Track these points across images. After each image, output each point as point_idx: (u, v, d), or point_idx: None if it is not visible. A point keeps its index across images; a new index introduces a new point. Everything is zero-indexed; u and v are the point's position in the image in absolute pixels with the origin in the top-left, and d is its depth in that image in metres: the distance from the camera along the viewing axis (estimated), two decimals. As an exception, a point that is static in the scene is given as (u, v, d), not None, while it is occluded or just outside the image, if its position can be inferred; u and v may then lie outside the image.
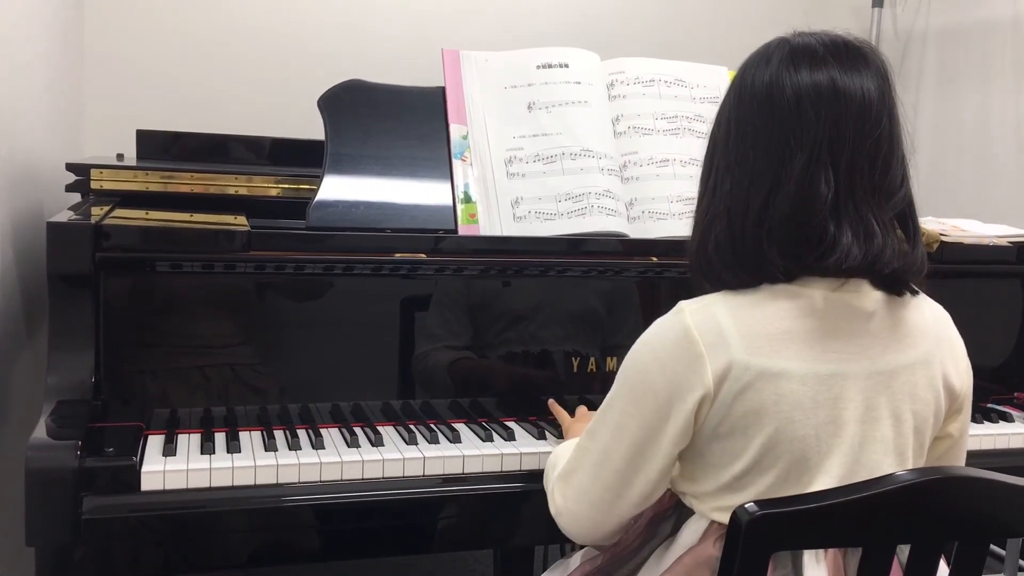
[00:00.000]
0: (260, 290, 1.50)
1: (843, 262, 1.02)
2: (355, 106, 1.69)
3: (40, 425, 1.27)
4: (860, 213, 1.04)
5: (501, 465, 1.43)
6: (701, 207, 1.14)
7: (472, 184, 1.68)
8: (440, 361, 1.57)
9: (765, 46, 1.12)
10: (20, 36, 1.74)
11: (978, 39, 2.76)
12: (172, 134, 2.06)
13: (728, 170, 1.10)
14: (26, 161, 1.79)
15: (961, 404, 1.16)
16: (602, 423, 1.12)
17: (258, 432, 1.44)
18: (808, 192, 1.03)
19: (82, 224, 1.38)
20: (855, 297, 1.07)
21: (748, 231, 1.06)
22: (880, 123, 1.05)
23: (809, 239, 1.04)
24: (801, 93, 1.04)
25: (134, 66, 2.47)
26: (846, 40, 1.09)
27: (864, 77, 1.06)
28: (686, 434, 1.06)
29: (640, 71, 1.84)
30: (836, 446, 1.04)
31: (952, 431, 1.18)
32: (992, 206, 2.57)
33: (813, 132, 1.03)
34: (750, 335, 1.03)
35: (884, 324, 1.08)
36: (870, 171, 1.05)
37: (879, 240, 1.03)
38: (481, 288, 1.60)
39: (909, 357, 1.08)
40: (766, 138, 1.06)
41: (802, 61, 1.06)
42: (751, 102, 1.09)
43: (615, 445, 1.10)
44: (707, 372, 1.03)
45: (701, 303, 1.07)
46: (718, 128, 1.14)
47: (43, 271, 1.37)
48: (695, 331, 1.04)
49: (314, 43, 2.61)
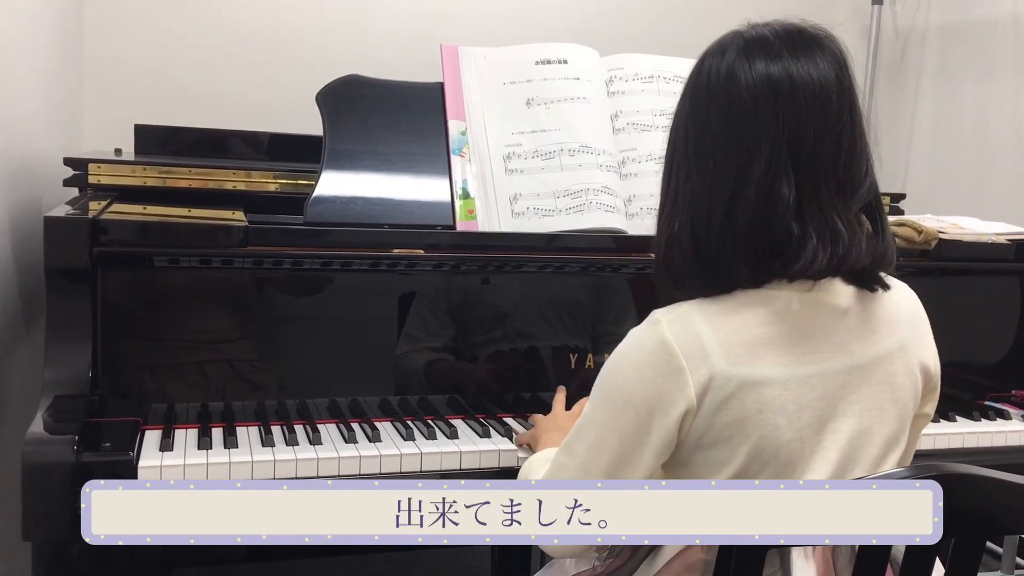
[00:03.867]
0: (258, 285, 1.50)
1: (809, 267, 1.01)
2: (353, 101, 1.69)
3: (37, 419, 1.27)
4: (825, 214, 1.02)
5: (498, 461, 1.43)
6: (663, 215, 1.11)
7: (470, 180, 1.68)
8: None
9: (719, 40, 1.10)
10: (20, 31, 1.74)
11: (978, 36, 2.76)
12: (170, 129, 2.05)
13: (688, 177, 1.07)
14: (24, 155, 1.79)
15: (935, 383, 1.16)
16: (579, 438, 1.08)
17: (255, 427, 1.43)
18: (770, 197, 1.01)
19: (79, 219, 1.38)
20: (828, 296, 1.06)
21: (712, 241, 1.04)
22: (841, 116, 1.03)
23: (773, 246, 1.02)
24: (756, 88, 1.02)
25: (133, 61, 2.46)
26: (800, 28, 1.06)
27: (820, 66, 1.03)
28: (668, 447, 1.05)
29: (639, 67, 1.84)
30: (821, 445, 1.04)
31: (928, 410, 1.18)
32: (991, 204, 2.57)
33: (771, 132, 1.01)
34: (729, 344, 1.02)
35: (859, 318, 1.07)
36: (833, 168, 1.03)
37: (845, 240, 1.02)
38: (474, 284, 1.60)
39: (885, 347, 1.08)
40: (725, 141, 1.04)
41: (756, 54, 1.04)
42: (707, 101, 1.06)
43: (594, 460, 1.06)
44: (689, 385, 1.01)
45: (676, 312, 1.05)
46: (676, 132, 1.11)
47: (41, 265, 1.37)
48: (674, 343, 1.02)
49: (313, 39, 2.61)
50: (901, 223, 1.84)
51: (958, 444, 1.66)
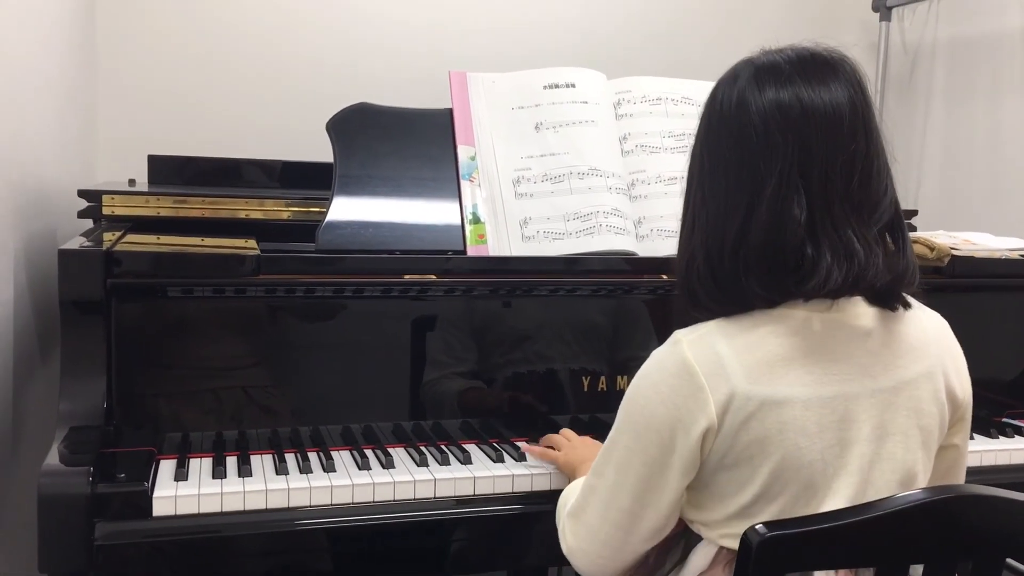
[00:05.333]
0: (271, 313, 1.51)
1: (823, 285, 1.01)
2: (363, 129, 1.70)
3: (53, 451, 1.28)
4: (839, 233, 1.02)
5: (512, 486, 1.43)
6: (683, 239, 1.13)
7: (480, 205, 1.68)
8: (453, 388, 1.57)
9: (732, 68, 1.11)
10: (33, 62, 1.76)
11: (987, 51, 2.75)
12: (183, 159, 2.07)
13: (704, 203, 1.09)
14: (39, 187, 1.80)
15: (963, 412, 1.15)
16: (607, 460, 1.10)
17: (269, 455, 1.44)
18: (781, 217, 1.02)
19: (92, 251, 1.39)
20: (850, 316, 1.06)
21: (726, 263, 1.05)
22: (854, 136, 1.03)
23: (787, 265, 1.02)
24: (767, 115, 1.03)
25: (147, 90, 2.48)
26: (813, 53, 1.07)
27: (832, 90, 1.04)
28: (693, 466, 1.05)
29: (647, 89, 1.85)
30: (843, 468, 1.04)
31: (957, 441, 1.17)
32: (1003, 219, 2.55)
33: (781, 155, 1.02)
34: (750, 364, 1.02)
35: (883, 341, 1.07)
36: (846, 187, 1.03)
37: (861, 258, 1.02)
38: (487, 309, 1.60)
39: (912, 372, 1.07)
40: (737, 167, 1.05)
41: (767, 81, 1.05)
42: (720, 128, 1.08)
43: (621, 482, 1.08)
44: (710, 404, 1.01)
45: (697, 333, 1.06)
46: (692, 159, 1.13)
47: (56, 297, 1.38)
48: (695, 363, 1.03)
49: (326, 67, 2.62)
50: (913, 240, 1.82)
51: (976, 462, 1.64)
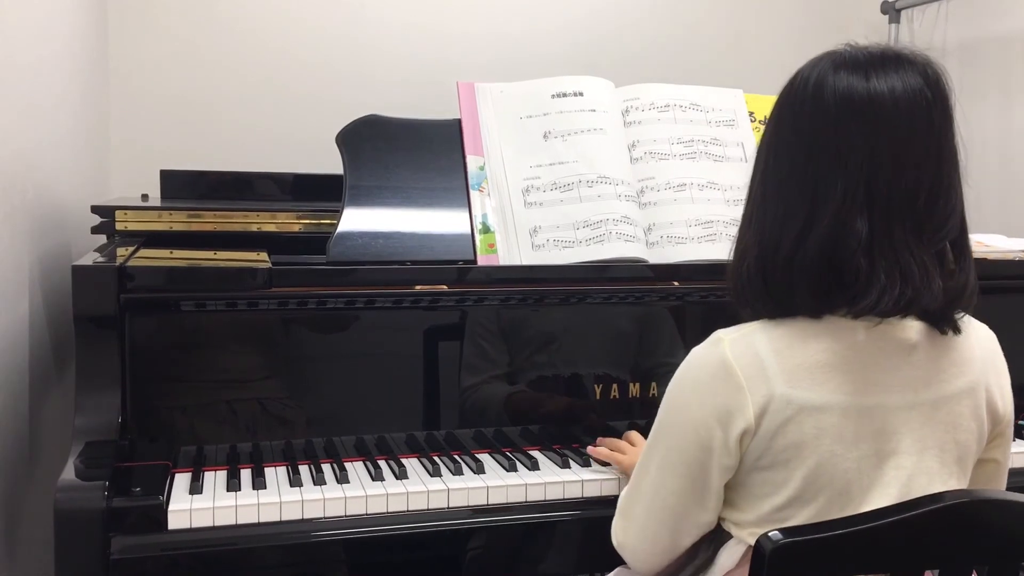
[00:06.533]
0: (283, 325, 1.52)
1: (875, 307, 0.99)
2: (372, 140, 1.71)
3: (68, 466, 1.29)
4: (897, 253, 1.00)
5: (526, 495, 1.43)
6: (739, 234, 1.12)
7: (490, 214, 1.69)
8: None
9: (814, 58, 1.09)
10: (46, 79, 1.78)
11: (997, 53, 2.74)
12: (195, 173, 2.09)
13: (764, 200, 1.07)
14: (53, 204, 1.82)
15: (1004, 428, 1.14)
16: (649, 459, 1.11)
17: (283, 467, 1.44)
18: (843, 232, 1.00)
19: (106, 267, 1.40)
20: (897, 329, 1.04)
21: (778, 267, 1.04)
22: (927, 150, 1.01)
23: (841, 281, 1.01)
24: (840, 101, 1.01)
25: (159, 102, 2.50)
26: (897, 53, 1.05)
27: (909, 91, 1.02)
28: (731, 466, 1.06)
29: (655, 96, 1.85)
30: (880, 479, 1.03)
31: (997, 456, 1.15)
32: (1016, 220, 2.54)
33: (848, 157, 1.00)
34: (790, 367, 1.01)
35: (928, 355, 1.05)
36: (910, 205, 1.01)
37: (916, 282, 1.00)
38: (497, 317, 1.60)
39: (954, 387, 1.06)
40: (803, 164, 1.03)
41: (846, 68, 1.03)
42: (792, 109, 1.06)
43: (664, 481, 1.09)
44: (748, 405, 1.01)
45: (739, 332, 1.05)
46: (757, 157, 1.11)
47: (71, 313, 1.39)
48: (734, 363, 1.02)
49: (334, 75, 2.64)
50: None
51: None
